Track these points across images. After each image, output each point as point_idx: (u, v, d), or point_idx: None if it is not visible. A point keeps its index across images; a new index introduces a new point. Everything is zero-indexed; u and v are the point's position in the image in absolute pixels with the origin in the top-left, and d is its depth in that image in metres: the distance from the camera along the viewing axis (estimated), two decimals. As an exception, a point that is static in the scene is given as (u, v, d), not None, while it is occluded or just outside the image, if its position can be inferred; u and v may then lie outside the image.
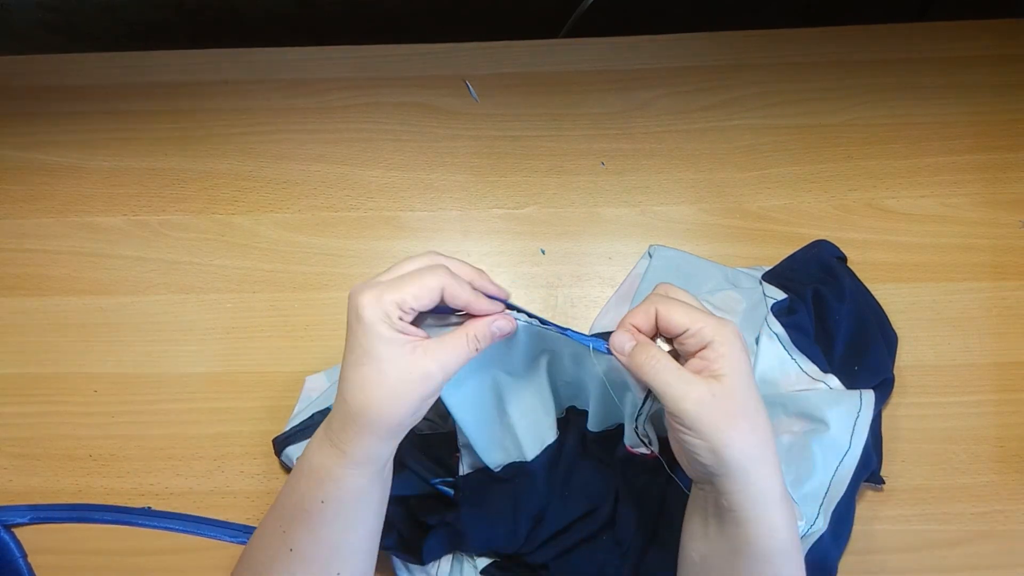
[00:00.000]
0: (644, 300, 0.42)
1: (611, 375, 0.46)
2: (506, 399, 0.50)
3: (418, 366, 0.39)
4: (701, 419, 0.39)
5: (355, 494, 0.42)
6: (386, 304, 0.38)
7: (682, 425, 0.39)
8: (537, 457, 0.51)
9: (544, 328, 0.45)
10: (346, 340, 0.41)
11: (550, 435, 0.52)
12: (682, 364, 0.41)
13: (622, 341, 0.42)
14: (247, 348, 0.62)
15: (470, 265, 0.43)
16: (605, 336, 0.43)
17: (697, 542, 0.44)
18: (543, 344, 0.48)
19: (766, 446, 0.40)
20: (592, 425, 0.52)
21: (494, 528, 0.51)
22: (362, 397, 0.39)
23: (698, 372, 0.40)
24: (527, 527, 0.51)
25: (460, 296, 0.40)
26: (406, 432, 0.42)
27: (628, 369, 0.42)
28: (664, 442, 0.46)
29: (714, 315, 0.41)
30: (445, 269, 0.40)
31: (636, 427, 0.47)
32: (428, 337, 0.41)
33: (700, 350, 0.40)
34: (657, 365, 0.40)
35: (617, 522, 0.51)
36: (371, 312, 0.38)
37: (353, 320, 0.39)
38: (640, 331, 0.42)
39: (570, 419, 0.54)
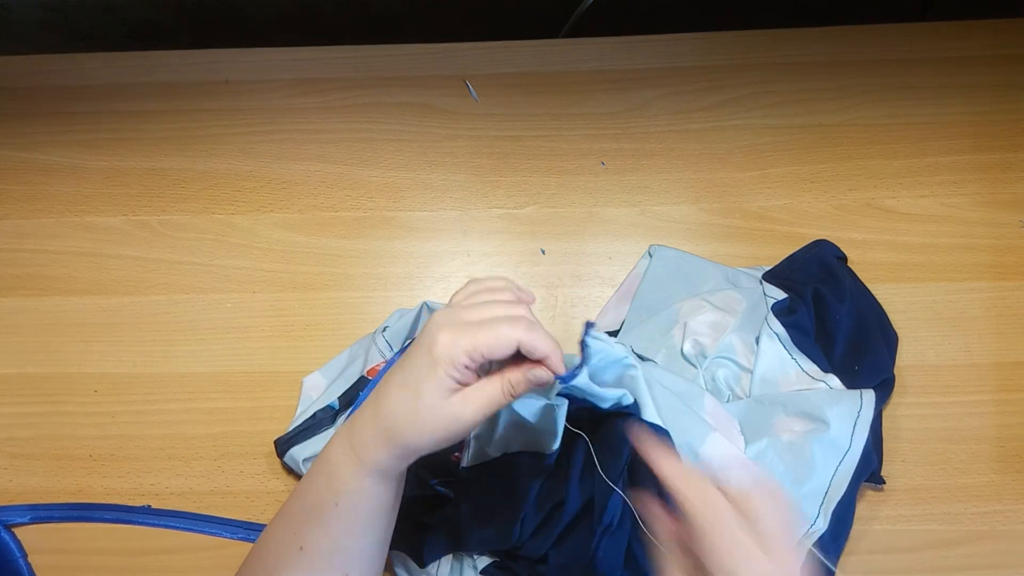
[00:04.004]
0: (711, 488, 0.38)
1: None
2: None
3: (452, 411, 0.40)
4: None
5: (368, 501, 0.43)
6: (457, 351, 0.39)
7: None
8: (552, 452, 0.51)
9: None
10: (410, 354, 0.41)
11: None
12: None
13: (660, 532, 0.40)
14: (247, 348, 0.62)
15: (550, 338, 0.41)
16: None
17: None
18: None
19: None
20: None
21: (491, 523, 0.51)
22: (394, 417, 0.40)
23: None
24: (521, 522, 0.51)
25: (538, 350, 0.39)
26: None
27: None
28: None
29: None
30: (525, 322, 0.39)
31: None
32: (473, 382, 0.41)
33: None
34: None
35: (595, 506, 0.51)
36: (441, 351, 0.39)
37: (424, 348, 0.40)
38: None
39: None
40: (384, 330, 0.58)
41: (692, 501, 0.37)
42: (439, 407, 0.39)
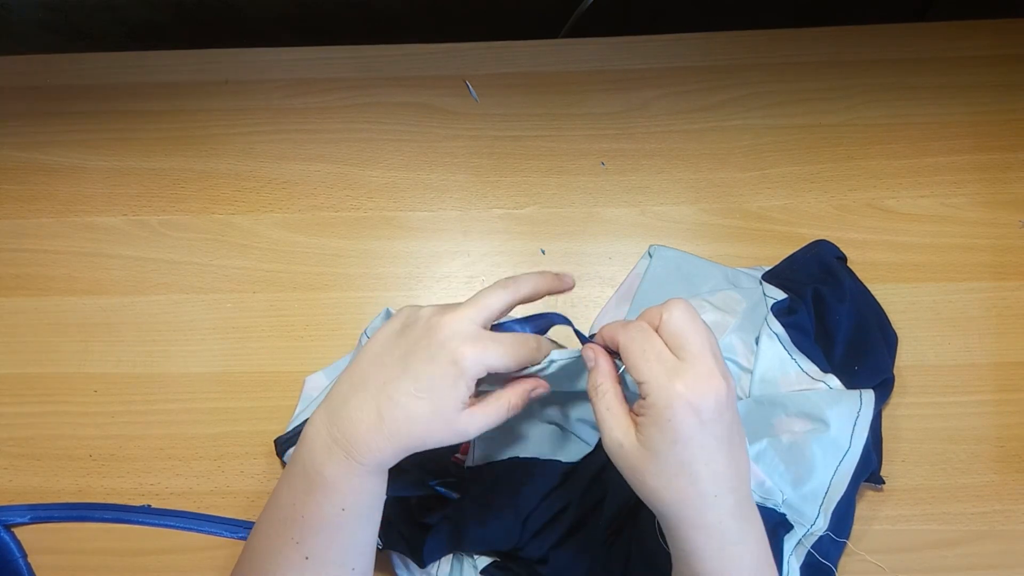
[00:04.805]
0: (633, 321, 0.42)
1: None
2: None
3: (461, 424, 0.42)
4: (614, 458, 0.41)
5: (371, 497, 0.44)
6: (481, 366, 0.41)
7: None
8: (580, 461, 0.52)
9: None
10: (419, 359, 0.41)
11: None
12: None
13: (587, 357, 0.44)
14: (247, 348, 0.62)
15: (551, 274, 0.46)
16: None
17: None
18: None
19: (693, 506, 0.39)
20: None
21: (493, 522, 0.51)
22: (407, 424, 0.41)
23: (635, 413, 0.41)
24: (524, 523, 0.51)
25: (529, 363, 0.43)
26: None
27: None
28: None
29: (669, 373, 0.39)
30: (538, 342, 0.44)
31: None
32: (478, 400, 0.43)
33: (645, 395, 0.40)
34: (595, 396, 0.42)
35: (603, 510, 0.51)
36: (468, 365, 0.41)
37: (447, 359, 0.41)
38: (610, 345, 0.43)
39: None
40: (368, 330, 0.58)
41: (621, 332, 0.41)
42: (454, 419, 0.42)
